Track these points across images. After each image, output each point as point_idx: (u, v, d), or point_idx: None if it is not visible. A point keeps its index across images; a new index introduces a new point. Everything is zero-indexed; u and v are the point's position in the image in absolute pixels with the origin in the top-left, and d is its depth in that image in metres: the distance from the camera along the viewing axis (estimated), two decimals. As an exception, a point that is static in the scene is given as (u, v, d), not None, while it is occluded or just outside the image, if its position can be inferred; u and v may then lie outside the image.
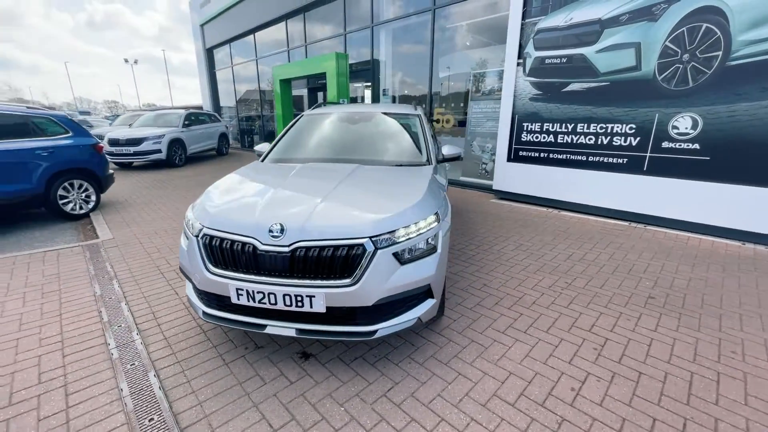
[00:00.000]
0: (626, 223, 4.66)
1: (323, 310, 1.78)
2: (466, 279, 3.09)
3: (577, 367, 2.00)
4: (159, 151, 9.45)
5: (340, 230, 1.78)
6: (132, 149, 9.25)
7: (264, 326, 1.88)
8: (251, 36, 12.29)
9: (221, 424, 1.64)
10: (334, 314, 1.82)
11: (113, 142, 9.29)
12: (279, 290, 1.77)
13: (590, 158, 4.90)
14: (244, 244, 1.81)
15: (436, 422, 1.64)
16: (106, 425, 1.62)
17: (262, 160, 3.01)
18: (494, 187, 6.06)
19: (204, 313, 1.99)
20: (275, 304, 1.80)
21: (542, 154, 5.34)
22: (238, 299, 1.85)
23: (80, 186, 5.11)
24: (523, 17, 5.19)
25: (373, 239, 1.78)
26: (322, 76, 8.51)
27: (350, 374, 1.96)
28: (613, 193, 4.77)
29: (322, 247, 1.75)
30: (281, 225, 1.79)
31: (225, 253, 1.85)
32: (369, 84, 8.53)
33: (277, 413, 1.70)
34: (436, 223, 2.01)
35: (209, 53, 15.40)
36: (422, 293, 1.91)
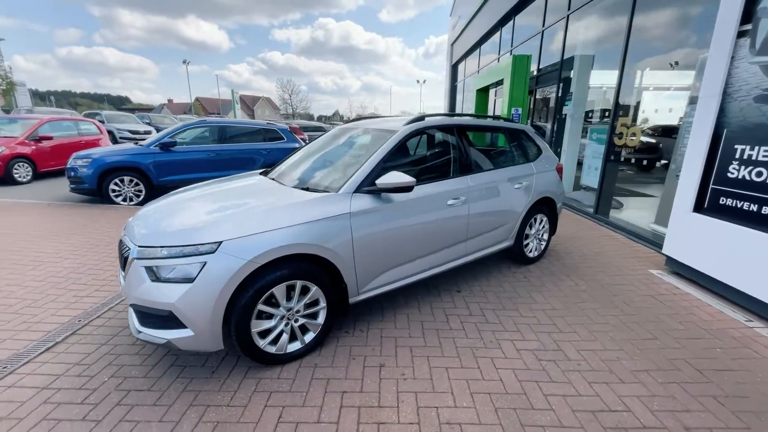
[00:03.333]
0: None
1: (126, 295, 2.16)
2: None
3: None
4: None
5: (135, 236, 2.06)
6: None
7: None
8: (477, 49, 12.53)
9: (67, 362, 2.40)
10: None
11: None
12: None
13: None
14: (125, 232, 2.46)
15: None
16: (41, 326, 2.71)
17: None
18: (664, 250, 3.56)
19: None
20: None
21: (768, 209, 2.65)
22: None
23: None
24: (767, -59, 2.66)
25: (138, 248, 1.94)
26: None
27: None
28: None
29: (123, 243, 2.11)
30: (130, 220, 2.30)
31: None
32: (554, 89, 6.79)
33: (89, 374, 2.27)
34: (207, 254, 1.84)
35: (454, 68, 16.97)
36: (167, 318, 1.85)
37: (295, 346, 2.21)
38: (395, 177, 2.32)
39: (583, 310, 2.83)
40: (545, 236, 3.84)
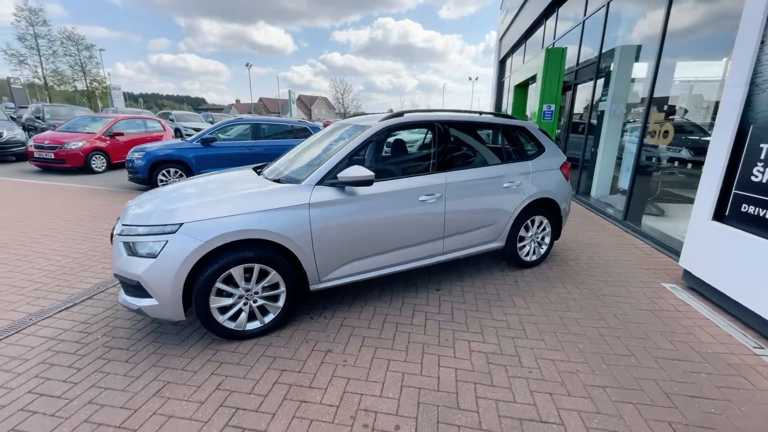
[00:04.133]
0: None
1: (118, 266, 2.51)
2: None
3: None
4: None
5: (125, 217, 2.38)
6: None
7: None
8: (523, 44, 11.89)
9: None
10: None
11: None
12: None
13: None
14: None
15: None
16: (68, 289, 3.25)
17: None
18: (680, 263, 3.17)
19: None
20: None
21: (793, 220, 2.25)
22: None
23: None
24: None
25: (122, 226, 2.26)
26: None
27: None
28: None
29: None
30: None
31: None
32: (594, 83, 6.22)
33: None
34: (169, 234, 2.09)
35: (501, 64, 16.27)
36: (137, 287, 2.13)
37: (255, 325, 2.39)
38: (355, 171, 2.39)
39: (562, 319, 2.65)
40: (546, 239, 3.62)
